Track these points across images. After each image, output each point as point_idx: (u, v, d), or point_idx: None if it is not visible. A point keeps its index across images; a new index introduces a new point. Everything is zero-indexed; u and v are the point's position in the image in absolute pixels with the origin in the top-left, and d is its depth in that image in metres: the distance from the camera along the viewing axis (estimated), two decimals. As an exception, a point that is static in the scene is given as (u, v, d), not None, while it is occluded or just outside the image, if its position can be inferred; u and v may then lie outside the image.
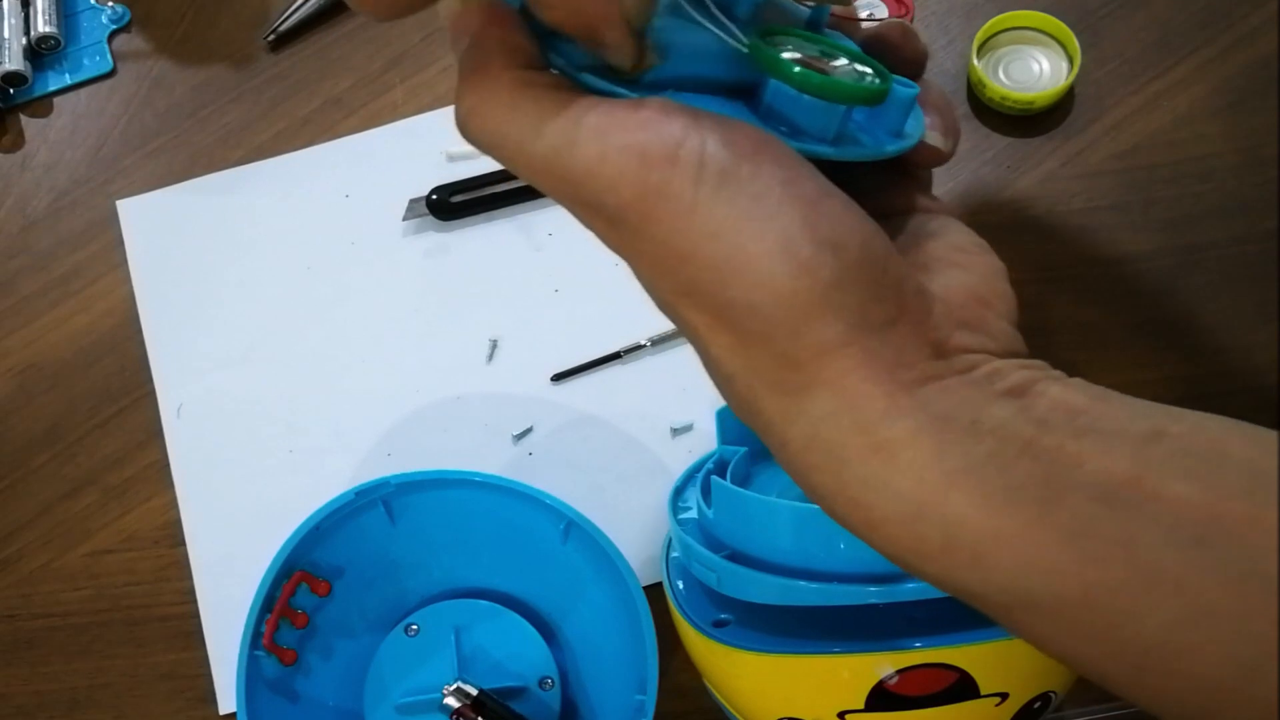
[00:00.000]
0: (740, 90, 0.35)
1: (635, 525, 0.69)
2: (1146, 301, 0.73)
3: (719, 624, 0.58)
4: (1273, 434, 0.30)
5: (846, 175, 0.34)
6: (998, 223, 0.75)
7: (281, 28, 0.84)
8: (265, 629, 0.63)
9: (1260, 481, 0.29)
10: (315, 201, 0.80)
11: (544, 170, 0.31)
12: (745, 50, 0.33)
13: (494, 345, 0.75)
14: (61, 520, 0.75)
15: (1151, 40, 0.78)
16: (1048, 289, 0.74)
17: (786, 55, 0.33)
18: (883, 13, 0.75)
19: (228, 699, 0.71)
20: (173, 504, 0.74)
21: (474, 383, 0.75)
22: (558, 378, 0.74)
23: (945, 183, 0.76)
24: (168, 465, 0.75)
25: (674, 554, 0.62)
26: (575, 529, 0.65)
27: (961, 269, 0.35)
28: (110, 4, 0.86)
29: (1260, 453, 0.29)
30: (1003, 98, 0.75)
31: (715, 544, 0.56)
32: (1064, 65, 0.77)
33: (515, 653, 0.67)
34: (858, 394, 0.30)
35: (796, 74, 0.32)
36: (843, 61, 0.35)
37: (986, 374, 0.32)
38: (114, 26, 0.86)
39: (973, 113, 0.78)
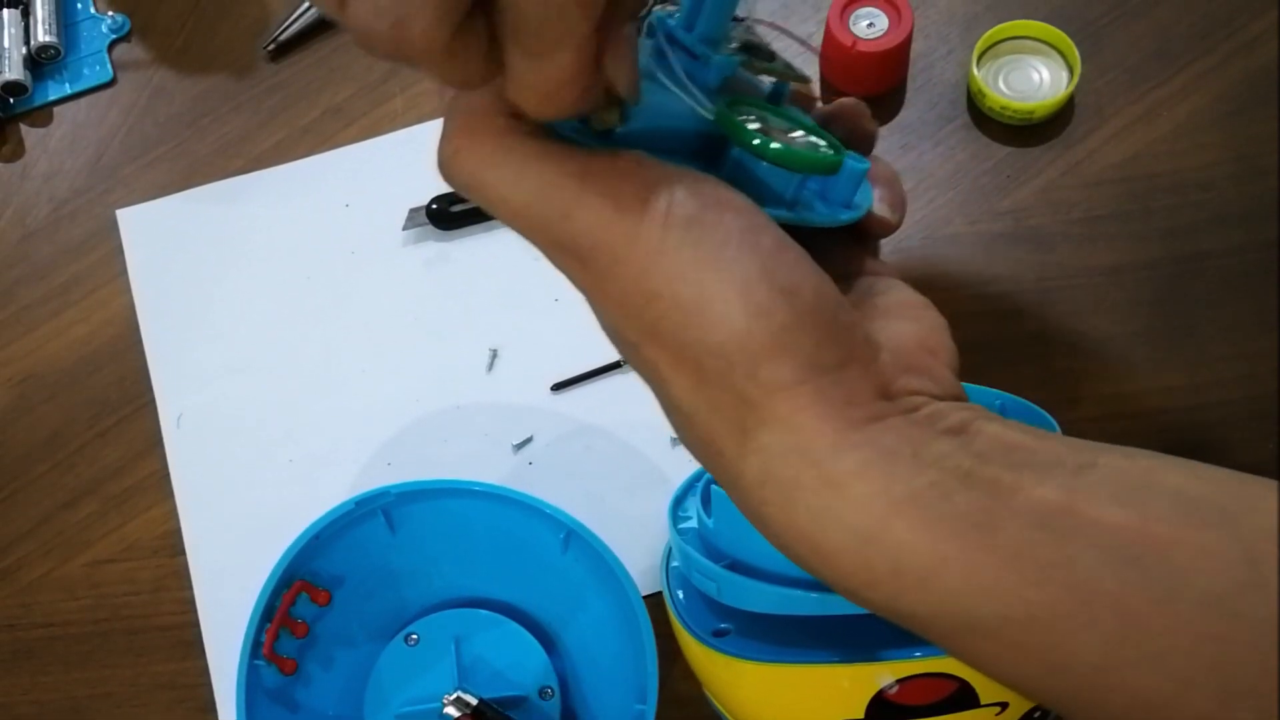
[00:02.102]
0: (706, 151, 0.37)
1: (635, 535, 0.69)
2: (1146, 310, 0.73)
3: (719, 633, 0.58)
4: (1199, 465, 0.32)
5: (801, 238, 0.36)
6: (997, 232, 0.75)
7: (281, 37, 0.84)
8: (265, 638, 0.63)
9: (1187, 505, 0.30)
10: (315, 211, 0.80)
11: (522, 213, 0.33)
12: (711, 117, 0.35)
13: (494, 355, 0.75)
14: (61, 530, 0.75)
15: (1151, 50, 0.78)
16: (1047, 298, 0.74)
17: (749, 124, 0.35)
18: (883, 23, 0.75)
19: (228, 709, 0.71)
20: (173, 513, 0.74)
21: (474, 392, 0.75)
22: (557, 387, 0.74)
23: (945, 192, 0.76)
24: (168, 475, 0.75)
25: (674, 563, 0.62)
26: (575, 538, 0.65)
27: (909, 320, 0.37)
28: (110, 13, 0.86)
29: (1187, 479, 0.31)
30: (1003, 107, 0.75)
31: (715, 553, 0.56)
32: (1064, 75, 0.77)
33: (515, 662, 0.67)
34: (809, 430, 0.32)
35: (757, 143, 0.35)
36: (800, 134, 0.38)
37: (929, 414, 0.33)
38: (114, 36, 0.86)
39: (973, 122, 0.78)
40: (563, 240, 0.33)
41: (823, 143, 0.38)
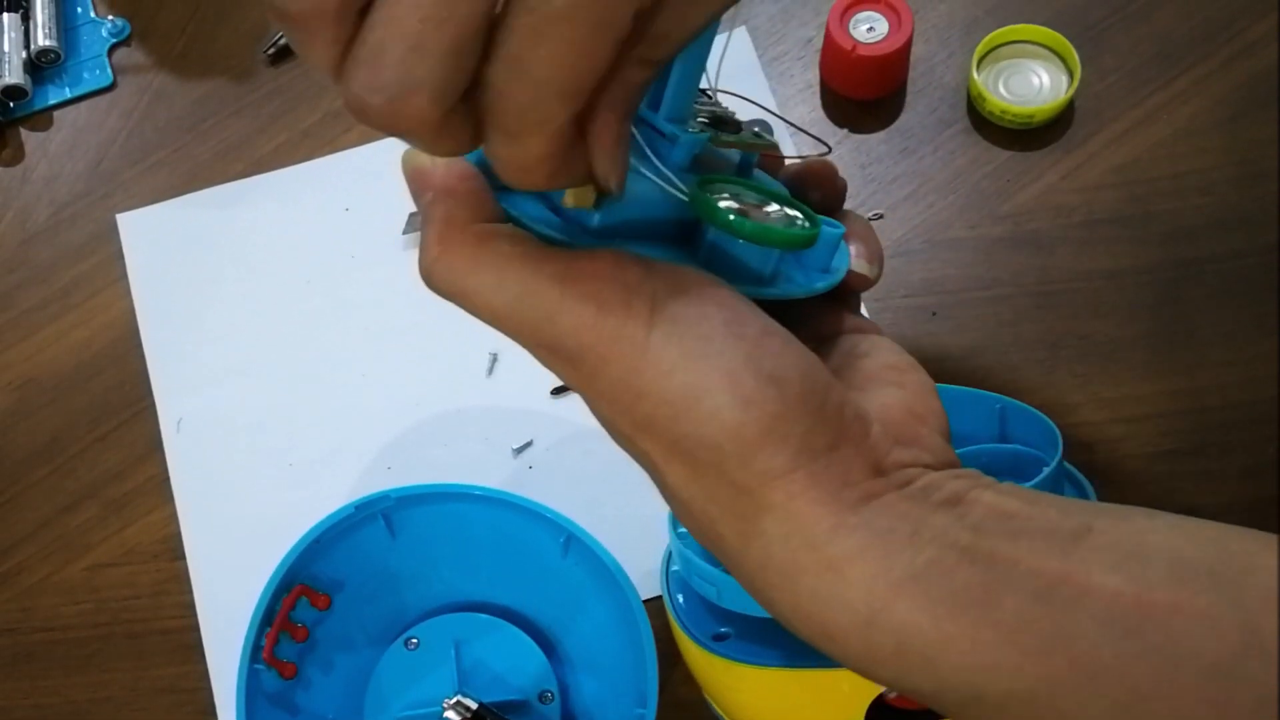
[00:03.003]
0: (684, 231, 0.38)
1: (635, 539, 0.69)
2: (1147, 315, 0.73)
3: (719, 637, 0.58)
4: (1192, 522, 0.32)
5: (782, 305, 0.37)
6: (997, 236, 0.75)
7: (281, 41, 0.84)
8: (265, 642, 0.63)
9: (1183, 570, 0.31)
10: (315, 215, 0.80)
11: (506, 318, 0.33)
12: (685, 198, 0.35)
13: (494, 359, 0.75)
14: (61, 534, 0.75)
15: (1152, 53, 0.78)
16: (1048, 302, 0.74)
17: (723, 203, 0.36)
18: (883, 27, 0.75)
19: (228, 713, 0.71)
20: (173, 518, 0.74)
21: (474, 396, 0.75)
22: (557, 391, 0.74)
23: (946, 196, 0.76)
24: (168, 479, 0.75)
25: (674, 567, 0.62)
26: (575, 542, 0.65)
27: (895, 386, 0.38)
28: (110, 17, 0.86)
29: (1182, 541, 0.31)
30: (1003, 111, 0.75)
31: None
32: (1064, 79, 0.77)
33: (515, 666, 0.67)
34: (806, 516, 0.32)
35: (733, 222, 0.35)
36: (775, 207, 0.38)
37: (923, 486, 0.33)
38: (114, 40, 0.86)
39: (972, 126, 0.78)
40: (549, 343, 0.33)
41: (797, 214, 0.38)
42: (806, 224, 0.37)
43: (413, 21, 0.26)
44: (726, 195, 0.37)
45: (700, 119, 0.39)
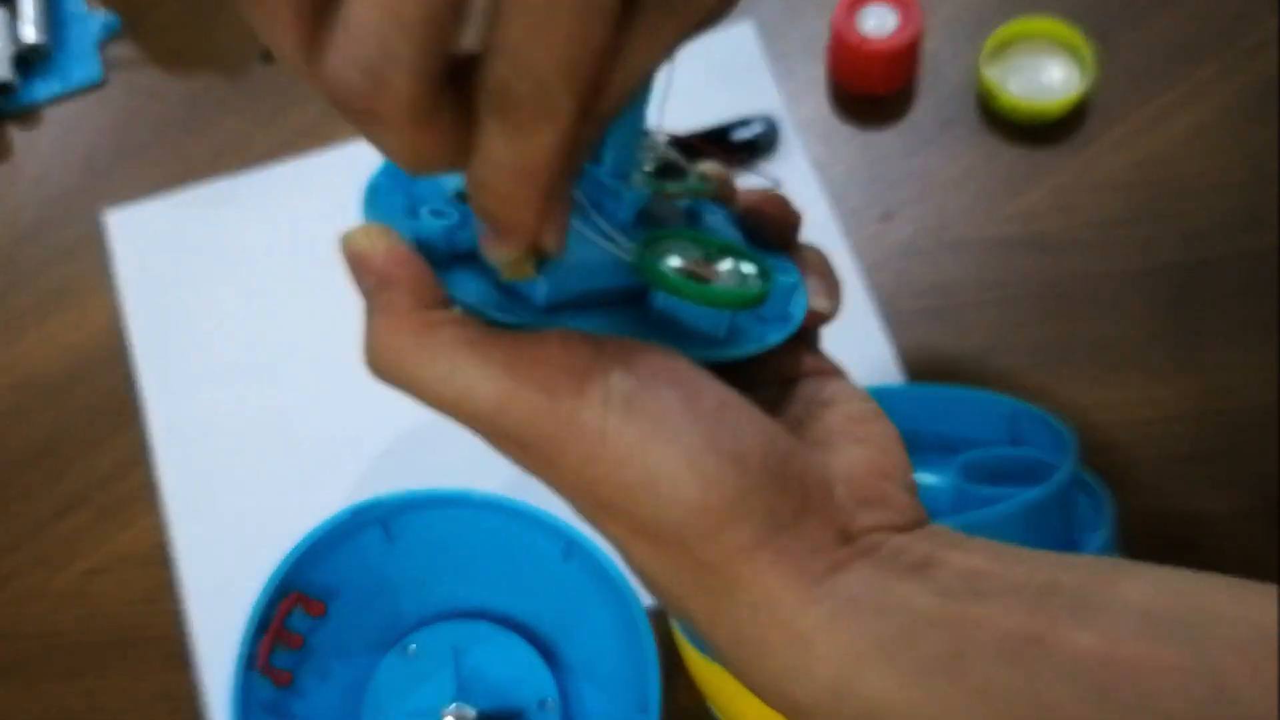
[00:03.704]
0: (634, 294, 0.37)
1: (638, 544, 0.68)
2: (1158, 315, 0.72)
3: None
4: (1162, 571, 0.32)
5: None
6: (1006, 235, 0.75)
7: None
8: (260, 651, 0.63)
9: (1152, 623, 0.30)
10: (310, 214, 0.79)
11: (455, 407, 0.33)
12: (631, 259, 0.34)
13: (493, 360, 0.74)
14: (52, 540, 0.74)
15: (1166, 49, 0.78)
16: (1058, 302, 0.73)
17: (671, 265, 0.35)
18: (891, 21, 0.74)
19: (221, 722, 0.70)
20: (165, 523, 0.74)
21: (473, 398, 0.74)
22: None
23: (954, 195, 0.76)
24: (159, 484, 0.74)
25: (678, 575, 0.61)
26: (576, 548, 0.64)
27: (859, 443, 0.37)
28: (101, 11, 0.85)
29: (1151, 594, 0.31)
30: (1014, 107, 0.74)
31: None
32: (1076, 74, 0.76)
33: (514, 674, 0.67)
34: (774, 590, 0.32)
35: (681, 285, 0.34)
36: (727, 264, 0.37)
37: (890, 553, 0.33)
38: (104, 35, 0.85)
39: (983, 123, 0.77)
40: (501, 433, 0.33)
41: (750, 268, 0.37)
42: (759, 279, 0.37)
43: None
44: (674, 254, 0.36)
45: (646, 168, 0.38)
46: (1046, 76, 0.76)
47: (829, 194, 0.76)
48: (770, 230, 0.42)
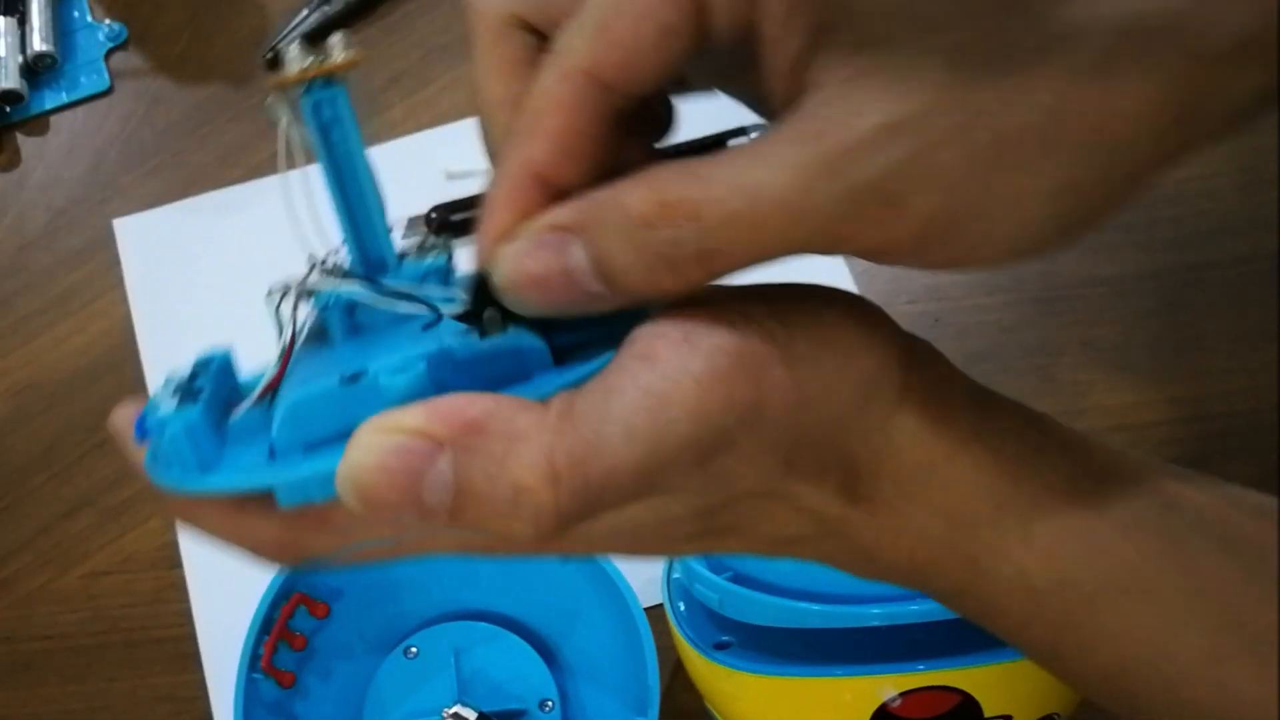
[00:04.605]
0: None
1: (636, 546, 0.69)
2: (1151, 321, 0.73)
3: (721, 646, 0.58)
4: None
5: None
6: (1000, 241, 0.75)
7: (280, 46, 0.83)
8: (263, 651, 0.63)
9: (1264, 508, 0.30)
10: (315, 220, 0.80)
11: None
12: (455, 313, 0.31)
13: (494, 364, 0.75)
14: (59, 541, 0.75)
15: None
16: (1051, 309, 0.73)
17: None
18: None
19: (225, 722, 0.70)
20: (170, 525, 0.74)
21: (473, 402, 0.75)
22: (558, 397, 0.73)
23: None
24: (165, 486, 0.75)
25: (675, 575, 0.61)
26: (576, 550, 0.64)
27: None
28: (107, 22, 0.86)
29: (1258, 498, 0.31)
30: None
31: (717, 565, 0.56)
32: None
33: (515, 675, 0.67)
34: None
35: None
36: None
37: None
38: (111, 44, 0.86)
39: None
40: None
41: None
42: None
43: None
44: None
45: (409, 253, 0.35)
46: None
47: (825, 201, 0.77)
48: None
